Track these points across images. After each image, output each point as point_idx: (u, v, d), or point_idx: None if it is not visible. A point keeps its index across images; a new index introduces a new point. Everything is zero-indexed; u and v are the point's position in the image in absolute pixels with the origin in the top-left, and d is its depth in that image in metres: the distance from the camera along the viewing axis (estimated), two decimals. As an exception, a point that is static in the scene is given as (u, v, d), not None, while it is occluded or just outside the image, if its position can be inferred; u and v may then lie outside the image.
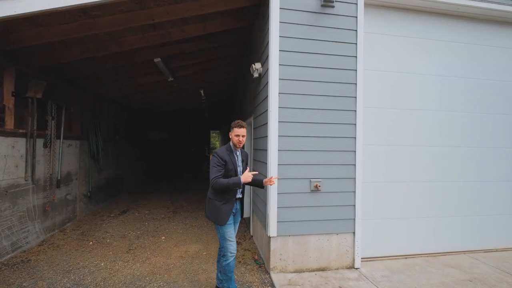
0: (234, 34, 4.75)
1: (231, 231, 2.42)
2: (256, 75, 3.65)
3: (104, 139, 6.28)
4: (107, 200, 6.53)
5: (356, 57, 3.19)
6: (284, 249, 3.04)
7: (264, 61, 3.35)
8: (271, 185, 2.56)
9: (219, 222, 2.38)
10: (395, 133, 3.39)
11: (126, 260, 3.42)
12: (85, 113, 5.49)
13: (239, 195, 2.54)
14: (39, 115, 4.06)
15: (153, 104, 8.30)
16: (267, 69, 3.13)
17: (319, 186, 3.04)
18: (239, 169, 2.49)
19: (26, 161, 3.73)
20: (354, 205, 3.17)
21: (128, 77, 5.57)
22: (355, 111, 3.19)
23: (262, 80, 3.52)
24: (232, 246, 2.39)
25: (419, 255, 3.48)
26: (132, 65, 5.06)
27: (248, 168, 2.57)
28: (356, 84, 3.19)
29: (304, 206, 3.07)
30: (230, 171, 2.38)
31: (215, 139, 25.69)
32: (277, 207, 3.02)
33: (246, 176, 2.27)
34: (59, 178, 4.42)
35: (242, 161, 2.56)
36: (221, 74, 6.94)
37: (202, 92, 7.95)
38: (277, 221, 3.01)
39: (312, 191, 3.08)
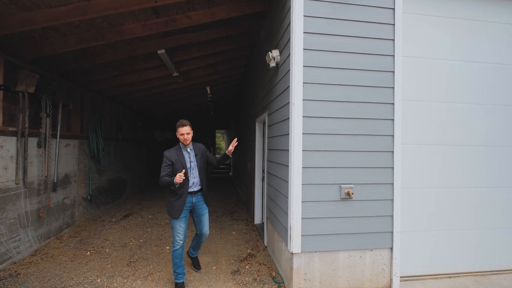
0: (245, 21, 4.30)
1: (180, 225, 2.63)
2: (272, 64, 3.19)
3: (106, 139, 5.92)
4: (109, 203, 6.16)
5: (393, 40, 2.70)
6: (309, 267, 2.58)
7: (284, 47, 2.89)
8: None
9: (172, 216, 2.63)
10: (438, 130, 2.88)
11: (125, 276, 3.01)
12: (85, 111, 5.12)
13: (193, 189, 2.71)
14: (33, 112, 3.69)
15: (157, 102, 7.91)
16: (288, 55, 2.67)
17: (351, 193, 2.55)
18: (192, 164, 2.71)
19: (17, 163, 3.36)
20: (392, 216, 2.67)
21: (130, 72, 5.18)
22: (393, 104, 2.70)
23: (280, 70, 3.06)
24: (178, 237, 2.63)
25: (465, 273, 2.96)
26: (134, 58, 4.67)
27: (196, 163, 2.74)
28: (393, 72, 2.70)
29: (333, 217, 2.60)
30: (178, 169, 2.59)
31: (219, 139, 25.33)
32: (301, 218, 2.55)
33: (177, 177, 2.41)
34: (55, 180, 4.04)
35: (196, 155, 2.75)
36: (228, 69, 6.50)
37: (208, 89, 7.54)
38: (301, 235, 2.54)
39: (343, 199, 2.61)
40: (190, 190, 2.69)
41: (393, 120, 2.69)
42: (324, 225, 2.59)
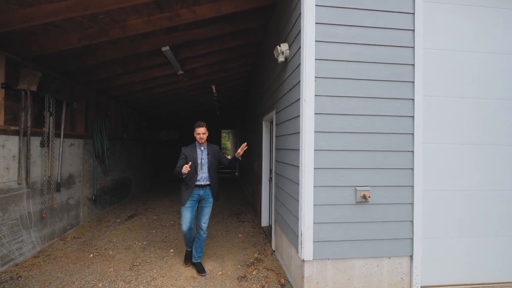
0: (252, 15, 4.14)
1: (185, 213, 3.00)
2: (281, 59, 3.02)
3: (111, 139, 5.86)
4: (114, 203, 6.11)
5: (413, 30, 2.49)
6: (321, 276, 2.39)
7: (294, 39, 2.71)
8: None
9: (180, 203, 3.05)
10: (464, 128, 2.64)
11: (128, 281, 2.89)
12: (90, 111, 5.06)
13: (201, 183, 3.04)
14: (36, 111, 3.62)
15: (161, 102, 7.83)
16: (299, 48, 2.49)
17: (368, 197, 2.36)
18: (203, 161, 3.06)
19: (19, 163, 3.29)
20: (412, 221, 2.46)
21: (134, 71, 5.09)
22: (413, 100, 2.49)
23: (289, 65, 2.89)
24: (184, 225, 3.01)
25: (490, 284, 2.72)
26: (138, 56, 4.57)
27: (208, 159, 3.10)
28: (413, 65, 2.49)
29: (347, 222, 2.41)
30: (190, 161, 2.95)
31: (225, 139, 25.24)
32: (313, 223, 2.37)
33: (184, 167, 2.82)
34: (59, 180, 3.97)
35: (208, 154, 3.10)
36: (234, 67, 6.35)
37: (213, 88, 7.40)
38: (313, 241, 2.36)
39: (358, 202, 2.41)
40: (198, 183, 3.03)
41: (413, 117, 2.48)
42: (338, 230, 2.40)
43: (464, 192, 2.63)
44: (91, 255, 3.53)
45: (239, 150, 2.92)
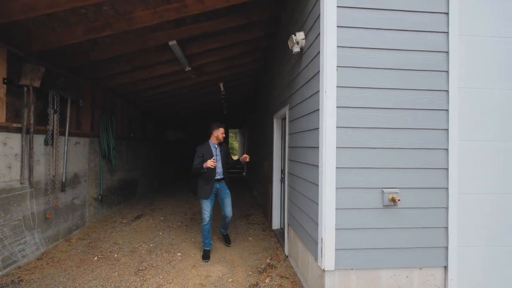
0: (264, 4, 3.92)
1: (207, 204, 3.33)
2: (296, 49, 2.79)
3: (118, 138, 5.74)
4: (121, 203, 5.99)
5: (447, 14, 2.22)
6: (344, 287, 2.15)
7: (311, 27, 2.48)
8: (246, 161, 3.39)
9: (202, 197, 3.32)
10: (506, 124, 2.34)
11: (132, 287, 2.71)
12: (96, 109, 4.94)
13: (217, 177, 3.38)
14: (40, 108, 3.50)
15: (168, 101, 7.69)
16: (318, 35, 2.26)
17: (397, 200, 2.10)
18: (217, 157, 3.37)
19: (22, 161, 3.16)
20: (447, 227, 2.19)
21: (141, 68, 4.94)
22: (447, 91, 2.22)
23: (306, 55, 2.66)
24: (206, 215, 3.33)
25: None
26: (145, 52, 4.41)
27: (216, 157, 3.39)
28: (447, 53, 2.22)
29: (373, 228, 2.16)
30: (207, 159, 3.21)
31: (232, 138, 25.10)
32: (335, 229, 2.13)
33: (209, 161, 3.13)
34: (63, 180, 3.85)
35: (221, 151, 3.45)
36: (244, 64, 6.14)
37: (221, 86, 7.22)
38: (335, 249, 2.12)
39: (386, 206, 2.16)
40: (215, 177, 3.36)
41: (447, 110, 2.21)
42: (362, 237, 2.16)
43: (505, 195, 2.33)
44: (96, 257, 3.38)
45: (244, 156, 3.37)
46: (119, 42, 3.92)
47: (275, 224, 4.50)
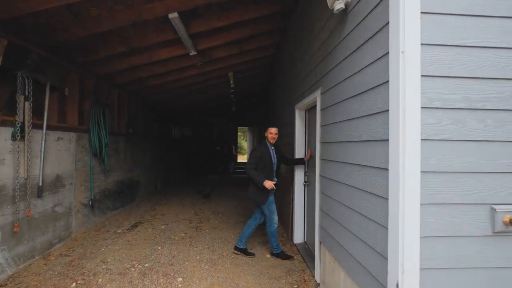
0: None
1: (273, 206, 3.22)
2: (339, 5, 1.99)
3: (115, 134, 5.05)
4: (118, 208, 5.30)
5: None
6: None
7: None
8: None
9: (264, 202, 3.16)
10: None
11: (114, 335, 1.96)
12: (86, 99, 4.25)
13: (275, 179, 3.25)
14: (6, 94, 2.80)
15: (172, 93, 6.98)
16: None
17: (529, 226, 1.28)
18: (274, 160, 3.23)
19: (-21, 160, 2.47)
20: None
21: (139, 51, 4.24)
22: None
23: (355, 10, 1.85)
24: (276, 218, 3.22)
25: None
26: (140, 28, 3.67)
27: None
28: None
29: (478, 268, 1.35)
30: (265, 161, 3.16)
31: (240, 138, 24.33)
32: (420, 268, 1.33)
33: (269, 183, 3.00)
34: (40, 183, 3.15)
35: (276, 153, 3.29)
36: (257, 49, 5.37)
37: (230, 76, 6.46)
38: (425, 304, 1.31)
39: (498, 232, 1.34)
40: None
41: None
42: (460, 281, 1.34)
43: None
44: (74, 283, 2.65)
45: (309, 153, 3.29)
46: (107, 15, 3.19)
47: (298, 237, 3.71)
